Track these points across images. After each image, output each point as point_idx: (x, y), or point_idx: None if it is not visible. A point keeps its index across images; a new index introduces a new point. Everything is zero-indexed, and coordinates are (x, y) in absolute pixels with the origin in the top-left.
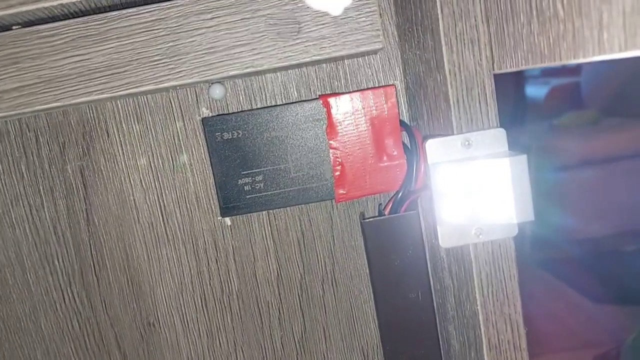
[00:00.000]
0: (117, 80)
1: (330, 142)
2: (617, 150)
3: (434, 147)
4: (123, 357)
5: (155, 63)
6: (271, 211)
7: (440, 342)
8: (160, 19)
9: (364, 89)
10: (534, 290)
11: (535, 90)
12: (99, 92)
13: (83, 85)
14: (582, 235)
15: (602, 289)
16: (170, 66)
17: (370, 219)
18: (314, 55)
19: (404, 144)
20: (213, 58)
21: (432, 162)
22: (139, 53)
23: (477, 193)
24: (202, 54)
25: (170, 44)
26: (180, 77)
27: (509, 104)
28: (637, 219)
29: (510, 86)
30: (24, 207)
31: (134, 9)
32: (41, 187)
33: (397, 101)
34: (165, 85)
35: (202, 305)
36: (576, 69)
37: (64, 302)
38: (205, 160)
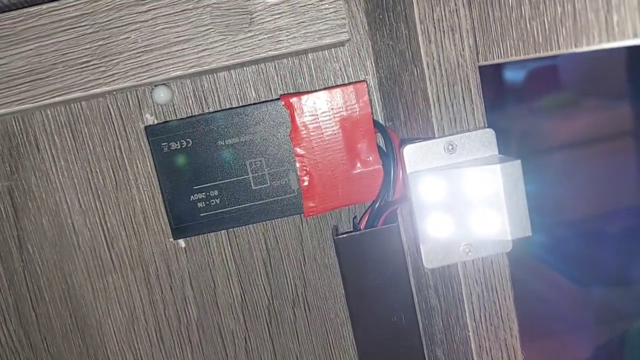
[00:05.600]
0: (40, 88)
1: (296, 148)
2: (598, 131)
3: (412, 154)
4: None
5: (84, 66)
6: (231, 230)
7: None
8: (86, 13)
9: (331, 87)
10: (519, 274)
11: (513, 74)
12: (19, 102)
13: (1, 95)
14: (565, 216)
15: (586, 271)
16: (101, 69)
17: (344, 235)
18: (269, 50)
19: (379, 147)
20: (151, 57)
21: (412, 170)
22: (63, 55)
23: (464, 205)
24: (138, 53)
25: (100, 42)
26: (114, 80)
27: (488, 90)
28: (618, 200)
29: (487, 71)
30: None
31: (55, 3)
32: None
33: (370, 99)
34: (97, 91)
35: (157, 338)
36: None
37: None
38: (152, 174)
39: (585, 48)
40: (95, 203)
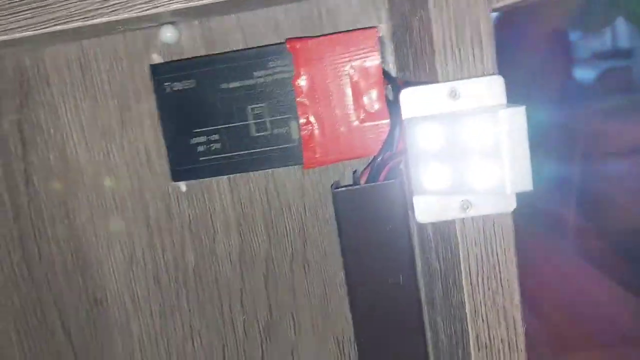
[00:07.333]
0: (41, 15)
1: (299, 96)
2: None
3: (411, 98)
4: (67, 337)
5: None
6: (233, 177)
7: (429, 335)
8: None
9: (340, 32)
10: (573, 280)
11: (584, 73)
12: (21, 29)
13: (4, 21)
14: (629, 224)
15: None
16: None
17: (343, 189)
18: None
19: (387, 99)
20: None
21: (409, 116)
22: None
23: (463, 155)
24: None
25: None
26: (114, 11)
27: (558, 87)
28: None
29: (558, 69)
30: None
31: None
32: None
33: (382, 49)
34: (96, 21)
35: (154, 282)
36: (628, 52)
37: (3, 273)
38: (156, 116)
39: None
40: (101, 141)
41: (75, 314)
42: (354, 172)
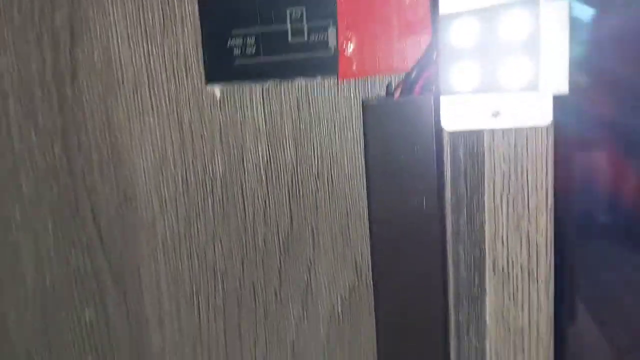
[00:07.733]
0: None
1: (339, 2)
2: None
3: None
4: (97, 231)
5: None
6: (266, 87)
7: (450, 268)
8: None
9: None
10: None
11: None
12: None
13: None
14: None
15: None
16: None
17: (374, 101)
18: None
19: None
20: None
21: (445, 12)
22: None
23: (498, 52)
24: None
25: None
26: None
27: None
28: None
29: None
30: (10, 55)
31: None
32: (30, 36)
33: None
34: None
35: (182, 185)
36: None
37: (45, 162)
38: (198, 21)
39: None
40: (143, 43)
41: (106, 208)
42: (388, 84)
